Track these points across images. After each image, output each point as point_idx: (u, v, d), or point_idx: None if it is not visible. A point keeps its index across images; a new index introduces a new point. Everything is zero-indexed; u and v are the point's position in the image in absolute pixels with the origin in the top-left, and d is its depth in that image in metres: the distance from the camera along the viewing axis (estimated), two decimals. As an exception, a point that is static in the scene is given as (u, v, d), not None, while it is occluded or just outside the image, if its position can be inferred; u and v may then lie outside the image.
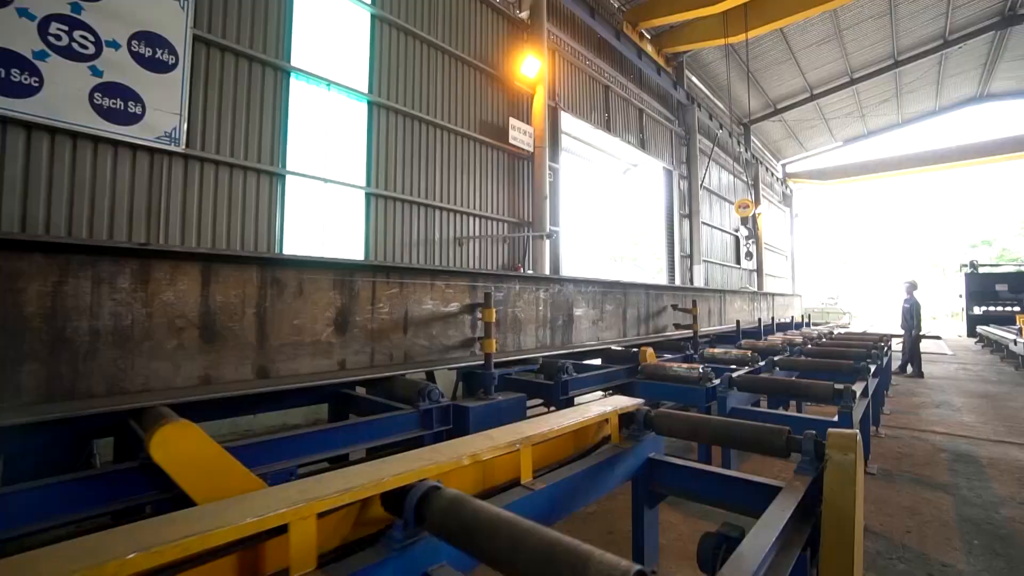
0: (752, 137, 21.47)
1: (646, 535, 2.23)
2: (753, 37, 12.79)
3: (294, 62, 5.88)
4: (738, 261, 18.76)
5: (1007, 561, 2.43)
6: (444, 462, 1.46)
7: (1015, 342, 9.71)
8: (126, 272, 2.47)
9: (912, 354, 8.89)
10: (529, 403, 3.72)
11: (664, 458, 2.19)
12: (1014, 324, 12.90)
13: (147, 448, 1.84)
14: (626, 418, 2.27)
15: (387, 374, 3.36)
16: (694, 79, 16.67)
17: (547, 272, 8.64)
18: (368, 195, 6.52)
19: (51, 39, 4.15)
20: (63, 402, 2.29)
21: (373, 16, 6.75)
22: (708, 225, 16.50)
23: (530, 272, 8.41)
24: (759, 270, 20.02)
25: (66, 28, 4.22)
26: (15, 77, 3.97)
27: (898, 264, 44.71)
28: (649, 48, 12.90)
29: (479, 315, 4.18)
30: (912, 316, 9.02)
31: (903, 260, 45.47)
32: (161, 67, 4.75)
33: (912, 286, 9.29)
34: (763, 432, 1.91)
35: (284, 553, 1.18)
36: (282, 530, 1.17)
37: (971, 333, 17.60)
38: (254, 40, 5.56)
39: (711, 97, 18.25)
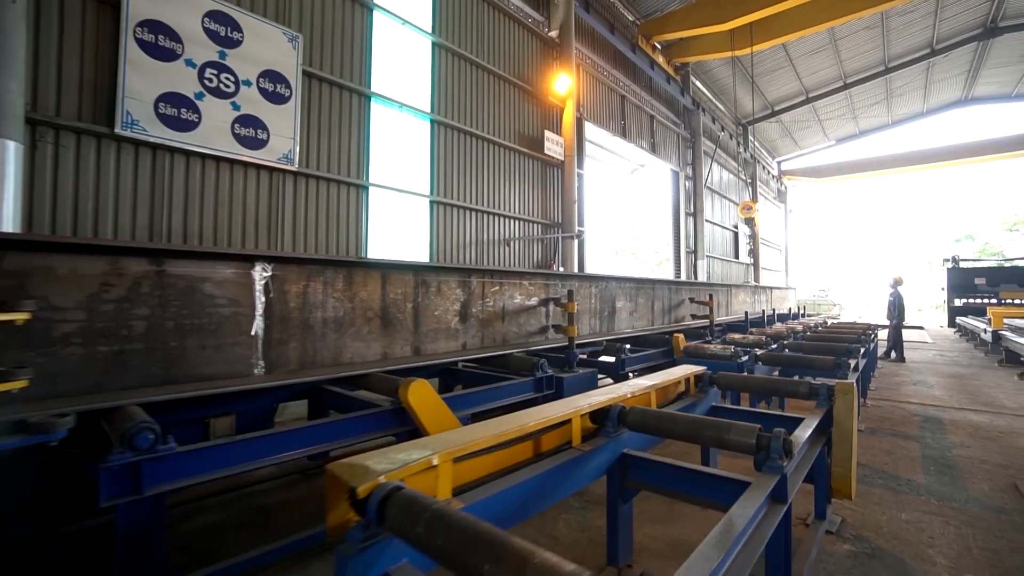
0: (750, 136, 22.54)
1: (711, 459, 3.30)
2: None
3: (374, 88, 6.82)
4: (737, 255, 19.93)
5: (950, 477, 3.54)
6: (618, 396, 2.50)
7: (985, 331, 10.95)
8: (340, 277, 3.49)
9: (895, 341, 10.08)
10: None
11: (724, 405, 3.26)
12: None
13: (401, 396, 2.85)
14: (697, 378, 3.32)
15: (492, 353, 4.37)
16: (698, 83, 17.67)
17: (575, 269, 9.67)
18: (432, 202, 7.51)
19: (206, 82, 5.08)
20: (309, 370, 3.29)
21: (433, 44, 7.68)
22: (709, 222, 17.60)
23: (561, 269, 9.45)
24: (755, 264, 21.22)
25: (216, 72, 5.15)
26: (183, 115, 4.91)
27: (886, 258, 46.34)
28: (660, 59, 13.87)
29: (551, 307, 5.24)
30: (896, 308, 10.20)
31: (891, 254, 47.10)
32: (280, 99, 5.69)
33: (897, 282, 10.47)
34: (794, 384, 2.98)
35: (559, 437, 2.21)
36: (541, 432, 2.18)
37: (952, 324, 18.89)
38: (343, 71, 6.49)
39: (713, 100, 19.28)
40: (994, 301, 18.49)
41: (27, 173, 4.08)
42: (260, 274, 3.06)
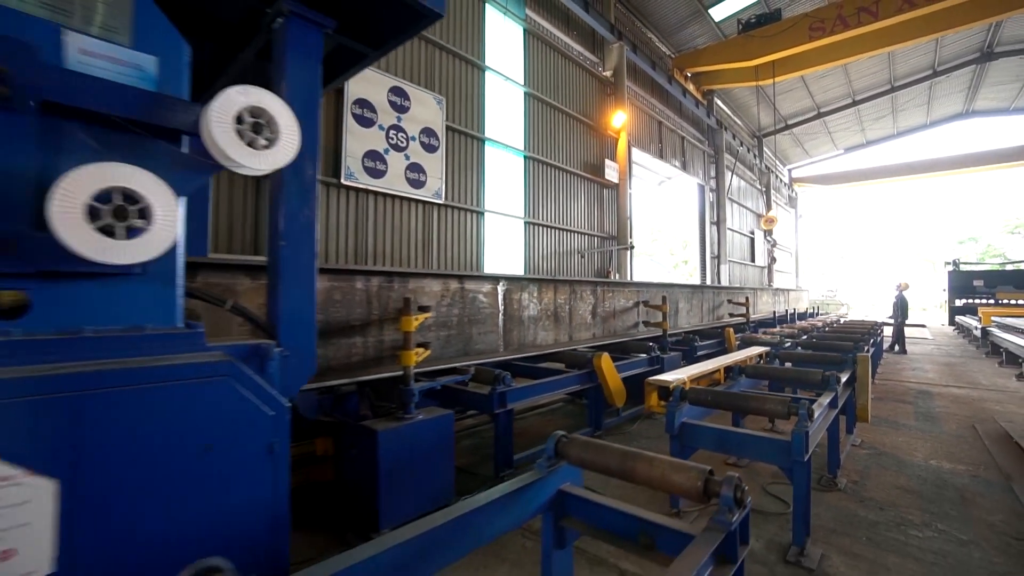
0: (764, 148, 24.27)
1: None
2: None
3: (487, 134, 8.65)
4: (753, 259, 21.71)
5: (932, 422, 5.37)
6: (735, 360, 4.33)
7: (976, 328, 12.72)
8: (534, 287, 5.32)
9: (898, 337, 11.87)
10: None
11: (785, 372, 5.08)
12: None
13: (595, 363, 4.68)
14: (765, 354, 5.15)
15: (614, 340, 6.19)
16: (719, 102, 19.41)
17: (628, 276, 11.50)
18: (525, 223, 9.36)
19: (389, 140, 6.94)
20: (517, 351, 5.12)
21: (526, 94, 9.51)
22: (731, 230, 19.37)
23: (616, 276, 11.28)
24: (770, 267, 22.99)
25: (395, 132, 7.00)
26: (377, 166, 6.76)
27: (892, 259, 47.97)
28: (691, 87, 15.65)
29: (641, 307, 7.07)
30: (900, 309, 11.99)
31: (897, 256, 48.72)
32: (432, 149, 7.54)
33: (901, 287, 12.26)
34: (832, 357, 4.80)
35: (714, 377, 4.05)
36: (702, 377, 4.02)
37: (951, 322, 20.61)
38: (467, 121, 8.33)
39: (732, 116, 21.04)
40: (991, 301, 20.16)
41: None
42: (501, 287, 4.91)
